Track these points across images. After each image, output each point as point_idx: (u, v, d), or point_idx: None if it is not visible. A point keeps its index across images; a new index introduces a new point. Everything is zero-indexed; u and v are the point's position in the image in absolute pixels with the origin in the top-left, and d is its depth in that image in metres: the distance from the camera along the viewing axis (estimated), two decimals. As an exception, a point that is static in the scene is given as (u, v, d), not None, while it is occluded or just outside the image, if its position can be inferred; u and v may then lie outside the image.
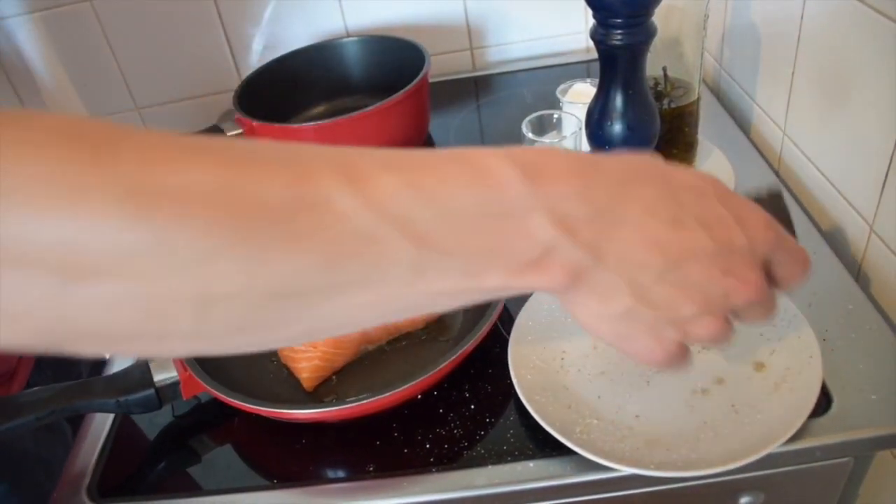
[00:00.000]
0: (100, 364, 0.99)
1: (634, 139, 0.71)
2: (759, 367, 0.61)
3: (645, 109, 0.70)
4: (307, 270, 0.31)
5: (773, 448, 0.53)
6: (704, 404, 0.59)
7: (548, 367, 0.63)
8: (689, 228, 0.36)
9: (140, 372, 0.63)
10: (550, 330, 0.66)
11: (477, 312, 0.65)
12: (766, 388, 0.59)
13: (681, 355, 0.41)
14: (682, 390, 0.60)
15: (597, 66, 0.72)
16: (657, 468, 0.53)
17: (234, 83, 1.21)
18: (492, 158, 0.34)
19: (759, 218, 0.38)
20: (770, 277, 0.40)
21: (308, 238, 0.30)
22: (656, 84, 0.78)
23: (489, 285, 0.34)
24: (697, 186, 0.37)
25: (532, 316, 0.67)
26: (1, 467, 0.73)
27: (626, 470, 0.54)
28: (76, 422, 0.72)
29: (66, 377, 0.88)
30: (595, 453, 0.55)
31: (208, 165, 0.29)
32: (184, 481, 0.63)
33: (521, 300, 0.69)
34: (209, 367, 0.63)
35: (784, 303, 0.64)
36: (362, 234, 0.31)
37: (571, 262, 0.35)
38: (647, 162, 0.38)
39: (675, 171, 0.38)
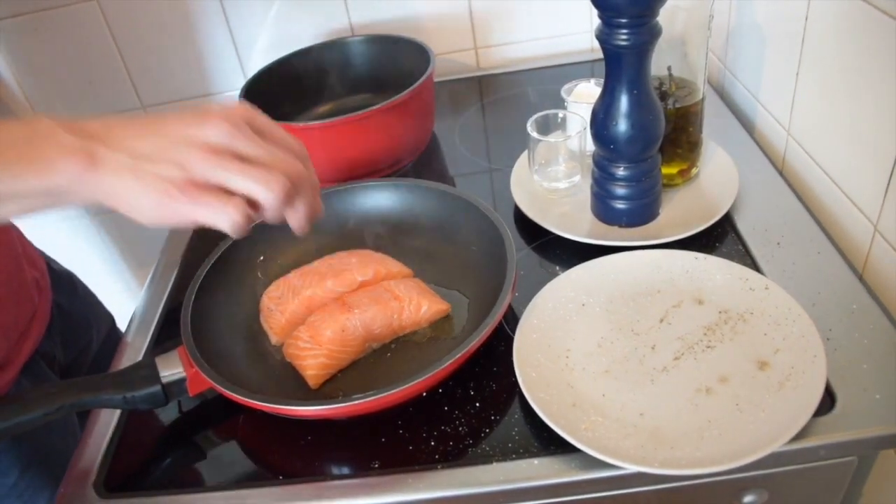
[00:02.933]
0: (112, 334, 1.00)
1: (639, 139, 0.71)
2: (763, 365, 0.61)
3: (650, 109, 0.71)
4: None
5: (777, 447, 0.54)
6: (709, 403, 0.59)
7: (552, 365, 0.64)
8: (163, 132, 0.54)
9: (147, 369, 0.63)
10: (555, 328, 0.67)
11: (482, 311, 0.65)
12: (770, 387, 0.59)
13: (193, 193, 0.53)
14: (687, 389, 0.61)
15: (601, 66, 0.72)
16: (661, 466, 0.54)
17: (240, 82, 1.22)
18: (40, 116, 0.53)
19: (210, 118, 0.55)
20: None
21: None
22: (661, 84, 0.78)
23: (59, 182, 0.51)
24: (176, 115, 0.56)
25: (537, 314, 0.68)
26: (26, 461, 0.75)
27: (631, 468, 0.54)
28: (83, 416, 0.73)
29: (75, 344, 0.91)
30: (600, 451, 0.55)
31: None
32: (190, 477, 0.64)
33: (526, 299, 0.69)
34: (216, 363, 0.63)
35: (788, 302, 0.65)
36: None
37: (89, 149, 0.52)
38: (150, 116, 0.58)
39: (170, 116, 0.56)
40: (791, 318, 0.64)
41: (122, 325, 1.03)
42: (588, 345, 0.66)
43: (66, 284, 0.94)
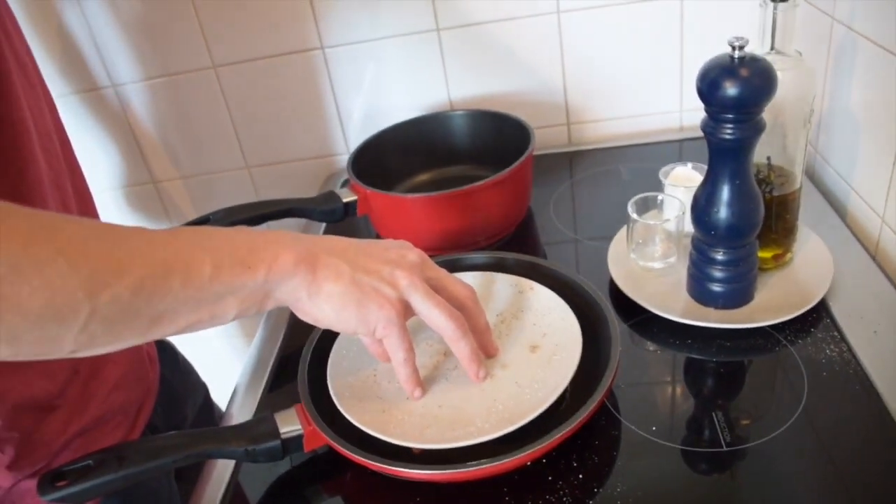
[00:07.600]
0: (205, 405, 1.05)
1: (739, 226, 0.74)
2: (535, 348, 0.74)
3: (750, 198, 0.73)
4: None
5: (547, 406, 0.65)
6: (493, 386, 0.70)
7: (363, 385, 0.73)
8: (369, 251, 0.63)
9: (267, 423, 0.68)
10: (362, 355, 0.76)
11: (586, 388, 0.67)
12: (541, 363, 0.72)
13: (402, 312, 0.62)
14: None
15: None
16: (453, 440, 0.64)
17: (340, 147, 1.29)
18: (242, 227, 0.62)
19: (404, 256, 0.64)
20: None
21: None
22: (759, 172, 0.80)
23: (259, 278, 0.56)
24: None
25: (343, 351, 0.77)
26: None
27: (430, 446, 0.64)
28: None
29: (174, 416, 0.92)
30: (405, 440, 0.65)
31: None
32: (299, 529, 0.67)
33: (622, 376, 0.71)
34: (331, 421, 0.68)
35: (549, 296, 0.79)
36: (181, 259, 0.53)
37: (310, 251, 0.59)
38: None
39: (368, 241, 0.66)
40: (552, 307, 0.77)
41: (214, 396, 1.06)
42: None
43: (168, 355, 0.95)
